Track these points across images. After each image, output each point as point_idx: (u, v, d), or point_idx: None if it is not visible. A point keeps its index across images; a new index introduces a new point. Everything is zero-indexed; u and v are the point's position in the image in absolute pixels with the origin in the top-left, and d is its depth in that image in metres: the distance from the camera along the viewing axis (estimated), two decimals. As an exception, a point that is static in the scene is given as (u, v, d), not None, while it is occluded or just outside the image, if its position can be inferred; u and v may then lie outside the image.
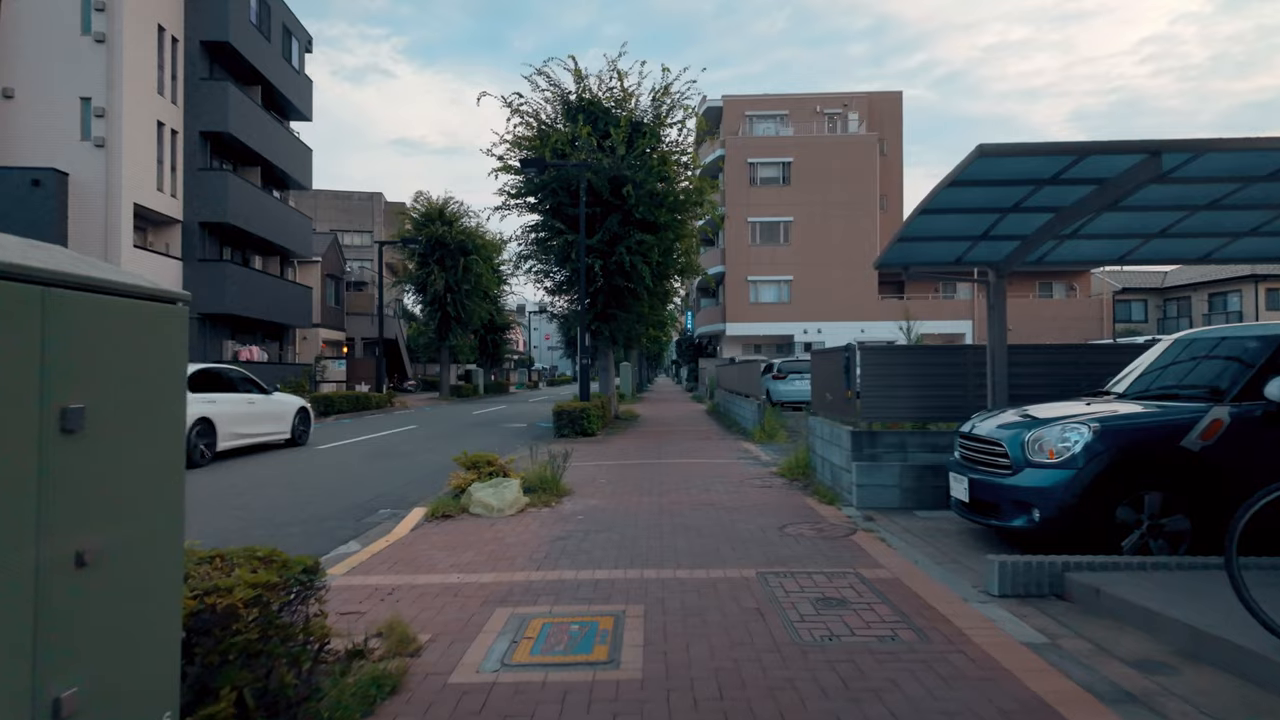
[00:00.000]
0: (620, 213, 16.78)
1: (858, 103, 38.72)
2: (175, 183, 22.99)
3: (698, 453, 11.58)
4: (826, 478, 7.86)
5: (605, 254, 16.80)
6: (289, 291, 29.14)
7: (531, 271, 18.89)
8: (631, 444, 13.08)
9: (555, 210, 17.23)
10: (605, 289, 17.41)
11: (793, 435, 13.37)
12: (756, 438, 12.85)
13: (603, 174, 16.37)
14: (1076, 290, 38.18)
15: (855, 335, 37.96)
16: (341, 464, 10.92)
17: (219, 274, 23.79)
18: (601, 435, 14.77)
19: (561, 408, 14.45)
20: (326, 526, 6.54)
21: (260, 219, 26.00)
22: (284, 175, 29.07)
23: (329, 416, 21.03)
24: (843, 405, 7.37)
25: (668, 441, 13.42)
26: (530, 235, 18.05)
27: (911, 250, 6.87)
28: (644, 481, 8.66)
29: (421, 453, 12.34)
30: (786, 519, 6.36)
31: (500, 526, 6.21)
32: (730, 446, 12.46)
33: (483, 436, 15.30)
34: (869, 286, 36.42)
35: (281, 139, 28.08)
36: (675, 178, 17.64)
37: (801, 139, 36.78)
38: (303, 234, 29.95)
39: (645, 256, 16.80)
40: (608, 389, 18.88)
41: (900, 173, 39.54)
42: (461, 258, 32.39)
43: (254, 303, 25.74)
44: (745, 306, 36.84)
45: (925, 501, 6.64)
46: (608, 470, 9.66)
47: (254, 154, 26.04)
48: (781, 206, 36.32)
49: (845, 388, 7.08)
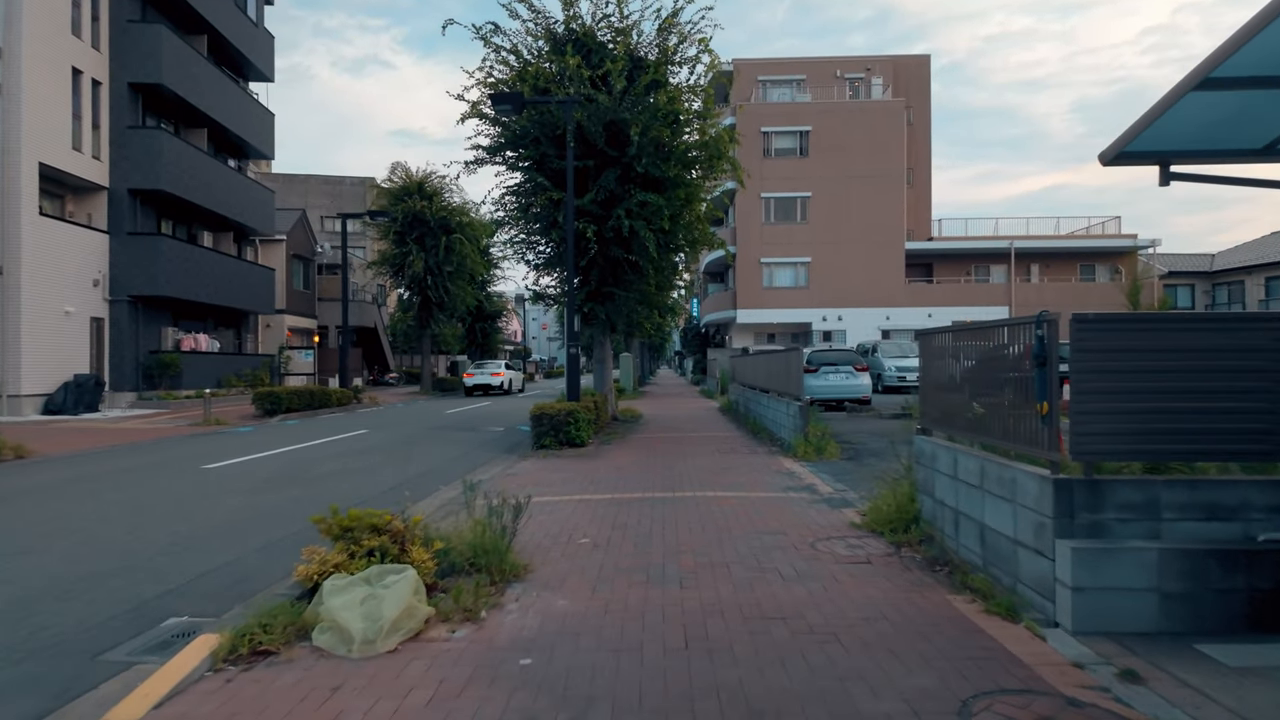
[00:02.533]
0: (619, 167, 13.46)
1: (882, 67, 35.18)
2: (99, 142, 19.64)
3: (726, 477, 8.28)
4: (973, 549, 4.55)
5: (600, 218, 13.51)
6: (246, 273, 25.83)
7: (513, 243, 15.59)
8: (632, 460, 9.80)
9: (539, 164, 13.90)
10: (600, 262, 14.11)
11: (849, 450, 10.09)
12: (800, 452, 9.57)
13: (596, 117, 13.04)
14: (1122, 273, 34.76)
15: (879, 323, 34.67)
16: (209, 495, 7.63)
17: (153, 249, 20.48)
18: (594, 445, 11.49)
19: (542, 410, 11.15)
20: (28, 671, 3.27)
21: (207, 188, 22.65)
22: (240, 142, 25.71)
23: (273, 417, 17.79)
24: (1014, 424, 4.07)
25: (681, 456, 10.14)
26: (509, 198, 14.69)
27: (1180, 127, 3.54)
28: (652, 542, 5.36)
29: (342, 477, 9.05)
30: (948, 671, 3.07)
31: (349, 698, 2.92)
32: (766, 465, 9.17)
33: (439, 447, 12.02)
34: (894, 269, 33.03)
35: (234, 99, 24.68)
36: (685, 124, 14.30)
37: (821, 105, 33.29)
38: (262, 209, 26.61)
39: (649, 221, 13.48)
40: (603, 385, 15.59)
41: (928, 144, 36.05)
42: (443, 236, 29.06)
43: (200, 284, 22.45)
44: (758, 291, 33.47)
45: (1211, 619, 3.38)
46: (595, 513, 6.37)
47: (199, 114, 22.67)
48: (798, 180, 32.89)
49: (1037, 392, 3.75)
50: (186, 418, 17.39)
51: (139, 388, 20.62)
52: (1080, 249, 34.67)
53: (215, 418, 16.68)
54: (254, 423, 17.06)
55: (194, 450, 11.51)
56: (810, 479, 8.00)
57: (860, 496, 6.91)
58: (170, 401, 20.21)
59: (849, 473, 8.40)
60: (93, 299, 19.45)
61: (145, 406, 19.86)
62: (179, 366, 21.15)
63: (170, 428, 15.60)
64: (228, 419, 17.24)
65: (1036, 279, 34.60)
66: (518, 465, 9.53)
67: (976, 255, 34.72)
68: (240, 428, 15.60)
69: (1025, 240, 34.01)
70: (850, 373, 16.41)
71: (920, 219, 35.34)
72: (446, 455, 10.96)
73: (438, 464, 10.03)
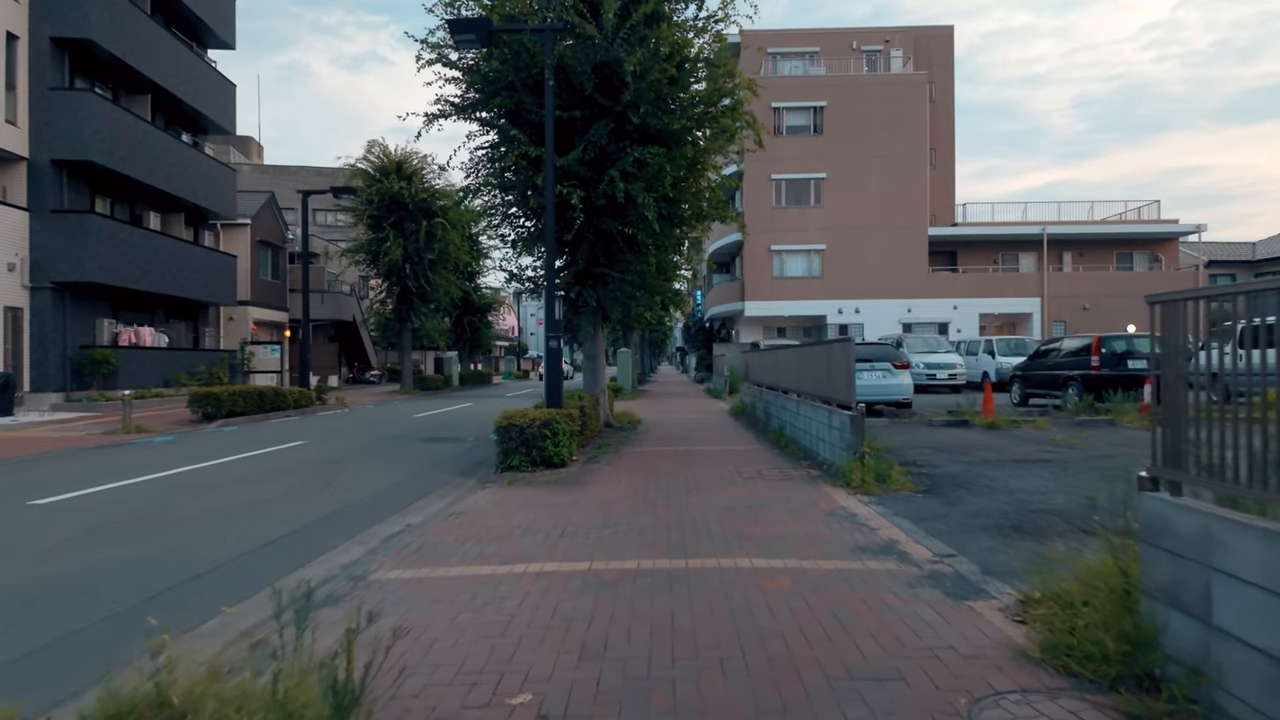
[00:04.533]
0: (611, 118, 10.92)
1: (901, 38, 32.50)
2: (14, 105, 17.06)
3: (761, 523, 5.70)
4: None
5: (589, 181, 10.97)
6: (203, 260, 23.26)
7: (486, 214, 13.04)
8: (626, 490, 7.23)
9: (514, 116, 11.33)
10: (590, 236, 11.59)
11: (919, 476, 7.52)
12: (854, 480, 6.98)
13: (584, 56, 10.48)
14: (1162, 261, 32.11)
15: (900, 316, 31.95)
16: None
17: (82, 230, 17.89)
18: (578, 464, 8.92)
19: (511, 420, 8.57)
20: None
21: (151, 163, 20.06)
22: (196, 114, 23.12)
23: (212, 422, 15.23)
24: None
25: (692, 483, 7.56)
26: (484, 167, 12.07)
27: None
28: (652, 700, 2.77)
29: (216, 520, 6.48)
30: None
31: None
32: (812, 501, 6.58)
33: (382, 466, 9.43)
34: (917, 257, 30.40)
35: (186, 64, 22.07)
36: (692, 70, 11.71)
37: (836, 79, 30.61)
38: (221, 189, 24.02)
39: (648, 185, 10.92)
40: (594, 385, 13.02)
41: (951, 122, 33.36)
42: (424, 221, 26.47)
43: (145, 271, 19.89)
44: (768, 281, 30.85)
45: None
46: (555, 611, 3.79)
47: (141, 78, 20.07)
48: (812, 160, 30.24)
49: None
50: (110, 423, 14.84)
51: (67, 387, 18.07)
52: (1117, 235, 32.01)
53: (137, 424, 14.12)
54: (187, 429, 14.53)
55: (61, 472, 8.95)
56: (885, 528, 5.41)
57: (980, 569, 4.35)
58: (103, 403, 17.66)
59: (937, 516, 5.83)
60: (8, 286, 16.88)
61: (72, 409, 17.31)
62: (114, 363, 18.59)
63: (78, 436, 13.06)
64: (155, 425, 14.71)
65: (1069, 267, 31.96)
66: (469, 499, 6.96)
67: (1004, 242, 32.08)
68: (158, 437, 13.05)
69: (1058, 226, 31.37)
70: (889, 370, 13.84)
71: (943, 203, 32.70)
72: (384, 479, 8.39)
73: (364, 495, 7.47)
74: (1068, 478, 7.28)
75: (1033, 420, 12.37)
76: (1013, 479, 7.29)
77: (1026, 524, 5.50)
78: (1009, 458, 8.72)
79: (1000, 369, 22.47)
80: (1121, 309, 29.71)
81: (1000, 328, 31.38)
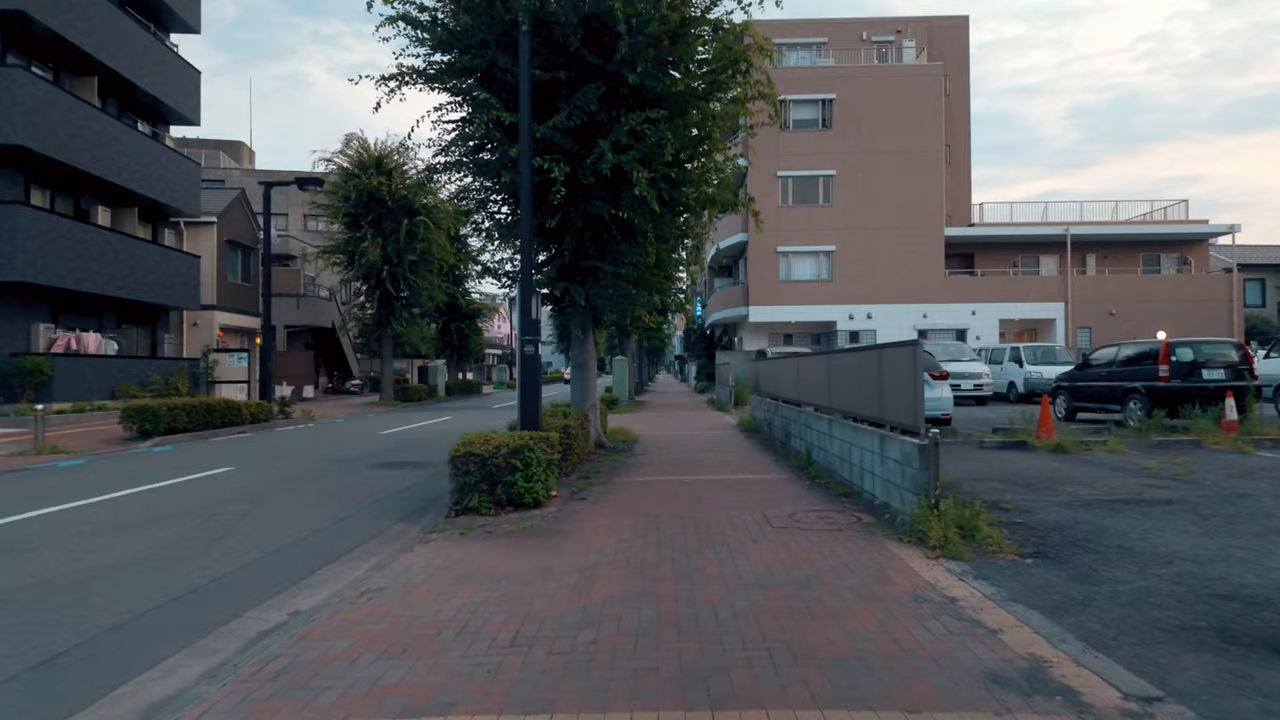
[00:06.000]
0: (602, 80, 9.07)
1: (914, 28, 30.75)
2: (-69, 82, 15.15)
3: (822, 617, 3.75)
4: None
5: (576, 155, 9.11)
6: (160, 259, 21.30)
7: (459, 202, 11.12)
8: (621, 550, 5.27)
9: (487, 79, 9.45)
10: (577, 222, 9.71)
11: (1017, 529, 5.55)
12: (932, 535, 5.03)
13: (569, 3, 8.65)
14: (1191, 264, 30.28)
15: (915, 322, 29.98)
16: None
17: (9, 222, 15.96)
18: (558, 502, 6.95)
19: (470, 447, 6.58)
20: None
21: (96, 151, 18.15)
22: (154, 101, 21.24)
23: (147, 440, 13.29)
24: None
25: (710, 537, 5.61)
26: (455, 146, 10.11)
27: None
28: None
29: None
30: None
31: None
32: (879, 570, 4.62)
33: (311, 504, 7.44)
34: (932, 259, 28.53)
35: (141, 46, 20.19)
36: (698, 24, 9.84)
37: (845, 70, 28.82)
38: (184, 184, 22.10)
39: (647, 159, 9.04)
40: (584, 398, 11.06)
41: (967, 118, 31.58)
42: (405, 219, 24.55)
43: (89, 270, 17.96)
44: (774, 285, 28.95)
45: None
46: None
47: (87, 59, 18.19)
48: (820, 157, 28.40)
49: None
50: (28, 441, 12.87)
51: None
52: (1144, 236, 30.16)
53: (53, 444, 12.19)
54: (114, 449, 12.58)
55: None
56: (1011, 628, 3.46)
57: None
58: (32, 418, 15.63)
59: (1077, 603, 3.87)
60: (-78, 285, 14.94)
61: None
62: (48, 373, 16.60)
63: (-26, 459, 11.08)
64: (79, 444, 12.77)
65: (1093, 270, 30.12)
66: (398, 562, 5.01)
67: (1024, 244, 30.24)
68: (68, 460, 11.07)
69: (1082, 226, 29.53)
70: (926, 382, 11.89)
71: (959, 203, 30.89)
72: (301, 526, 6.42)
73: (262, 552, 5.51)
74: (1223, 533, 5.34)
75: (1102, 441, 10.45)
76: (1149, 533, 5.34)
77: (1235, 625, 3.55)
78: (1112, 496, 6.78)
79: (1030, 379, 20.73)
80: (1150, 314, 27.88)
81: (1020, 334, 29.51)
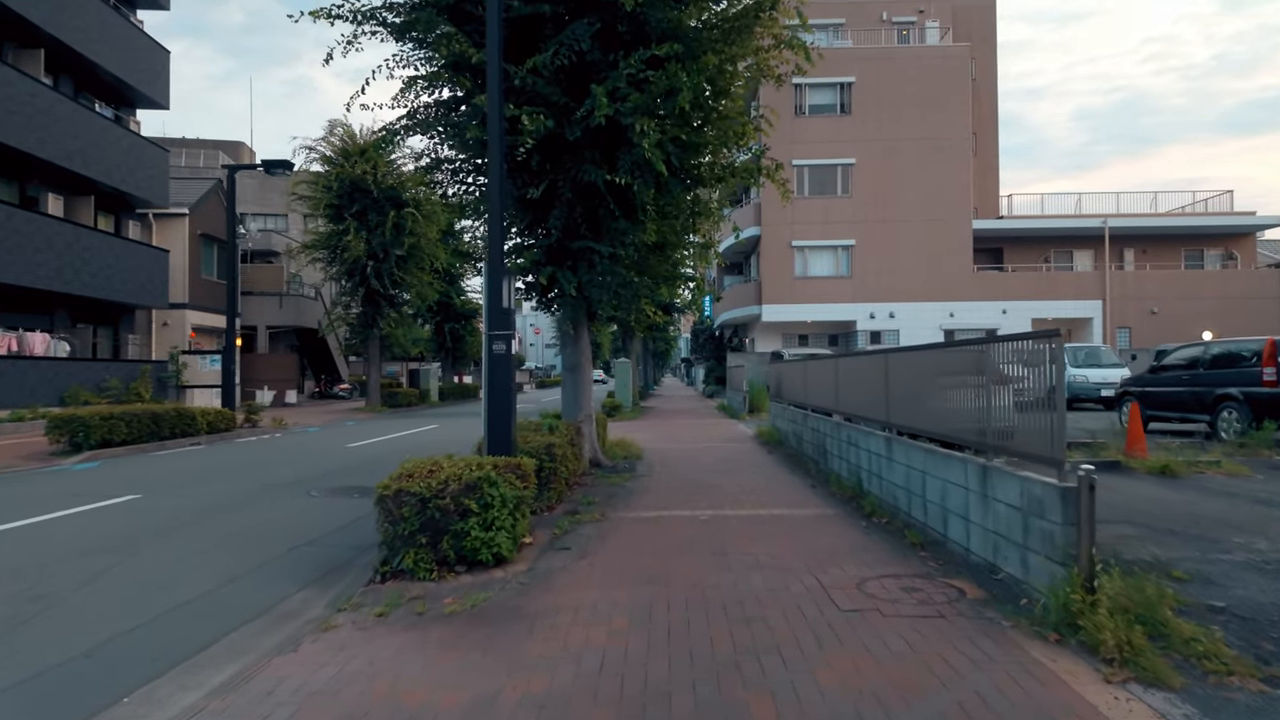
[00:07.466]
0: (596, 15, 7.21)
1: (938, 8, 28.85)
2: None
3: None
4: None
5: (561, 108, 7.26)
6: (122, 253, 19.53)
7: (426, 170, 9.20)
8: (614, 656, 3.35)
9: (454, 12, 7.58)
10: (566, 192, 7.85)
11: (1193, 612, 3.52)
12: (1101, 636, 3.11)
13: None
14: (1237, 259, 28.22)
15: (942, 322, 27.90)
16: None
17: (-66, 209, 14.17)
18: (531, 558, 5.04)
19: (406, 484, 4.67)
20: None
21: (42, 132, 16.39)
22: (116, 82, 19.48)
23: (77, 453, 11.49)
24: None
25: (751, 630, 3.70)
26: (423, 108, 8.20)
27: None
28: None
29: None
30: None
31: None
32: (1046, 708, 2.70)
33: (192, 562, 5.49)
34: (959, 254, 26.56)
35: (100, 20, 18.44)
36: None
37: (865, 52, 26.93)
38: (149, 171, 20.33)
39: (652, 112, 7.20)
40: (576, 407, 9.15)
41: (994, 104, 29.61)
42: (392, 211, 22.71)
43: (32, 263, 16.19)
44: (788, 282, 27.02)
45: None
46: None
47: (29, 27, 16.42)
48: (839, 144, 26.49)
49: None
50: (-67, 458, 11.08)
51: (-83, 409, 14.31)
52: (1186, 229, 28.13)
53: (-46, 461, 10.38)
54: (32, 465, 10.79)
55: None
56: None
57: None
58: (-40, 429, 13.90)
59: None
60: None
61: (-85, 437, 13.54)
62: (-19, 378, 14.84)
63: None
64: (-12, 461, 10.94)
65: (1132, 265, 28.10)
66: (264, 674, 3.09)
67: (1057, 237, 28.26)
68: (-44, 484, 9.23)
69: (1119, 219, 27.53)
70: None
71: (987, 194, 28.93)
72: (168, 596, 4.53)
73: (57, 662, 3.61)
74: None
75: (1214, 461, 8.48)
76: None
77: None
78: (1307, 551, 4.84)
79: (1075, 383, 18.76)
80: (1194, 312, 25.84)
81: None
